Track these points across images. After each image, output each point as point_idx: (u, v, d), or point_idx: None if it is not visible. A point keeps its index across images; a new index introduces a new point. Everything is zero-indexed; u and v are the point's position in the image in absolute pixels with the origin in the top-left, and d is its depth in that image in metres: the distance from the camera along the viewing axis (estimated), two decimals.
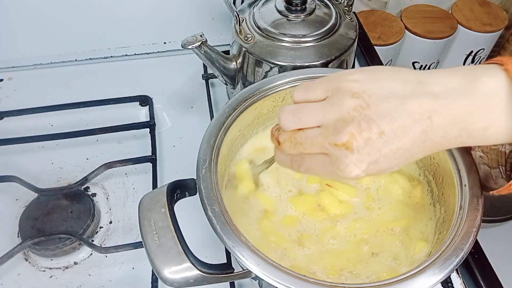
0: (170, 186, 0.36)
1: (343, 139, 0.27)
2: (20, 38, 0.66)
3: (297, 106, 0.30)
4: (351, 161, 0.27)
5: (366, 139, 0.27)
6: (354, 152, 0.27)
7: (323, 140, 0.28)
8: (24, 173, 0.53)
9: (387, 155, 0.27)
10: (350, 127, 0.27)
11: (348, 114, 0.27)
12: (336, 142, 0.27)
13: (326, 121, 0.28)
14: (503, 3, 1.13)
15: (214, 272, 0.32)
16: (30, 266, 0.48)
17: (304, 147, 0.29)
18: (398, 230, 0.40)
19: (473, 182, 0.36)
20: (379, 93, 0.28)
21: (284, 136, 0.31)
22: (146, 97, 0.63)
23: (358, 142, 0.27)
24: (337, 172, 0.28)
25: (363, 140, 0.27)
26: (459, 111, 0.27)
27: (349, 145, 0.27)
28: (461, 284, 0.46)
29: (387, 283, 0.31)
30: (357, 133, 0.27)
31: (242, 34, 0.52)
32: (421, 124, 0.27)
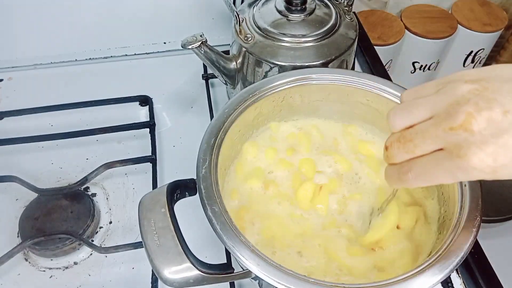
0: (170, 186, 0.36)
1: (459, 120, 0.23)
2: (20, 38, 0.66)
3: (405, 103, 0.27)
4: (473, 143, 0.23)
5: (487, 118, 0.23)
6: (475, 133, 0.23)
7: (436, 129, 0.24)
8: (24, 173, 0.53)
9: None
10: (466, 107, 0.23)
11: (462, 97, 0.23)
12: (451, 126, 0.23)
13: (437, 109, 0.25)
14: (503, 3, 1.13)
15: (214, 272, 0.32)
16: (30, 266, 0.48)
17: (414, 144, 0.25)
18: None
19: (473, 182, 0.36)
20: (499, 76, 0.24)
21: (391, 138, 0.27)
22: (146, 97, 0.63)
23: (477, 121, 0.23)
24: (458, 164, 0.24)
25: (483, 119, 0.23)
26: None
27: (467, 125, 0.23)
28: (461, 284, 0.46)
29: (387, 283, 0.31)
30: (476, 111, 0.23)
31: (242, 34, 0.52)
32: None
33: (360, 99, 0.45)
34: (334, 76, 0.45)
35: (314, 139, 0.47)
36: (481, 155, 0.23)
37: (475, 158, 0.23)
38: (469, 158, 0.23)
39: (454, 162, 0.24)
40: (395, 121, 0.27)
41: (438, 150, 0.25)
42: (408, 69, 1.09)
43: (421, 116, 0.25)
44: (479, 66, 1.16)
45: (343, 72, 0.45)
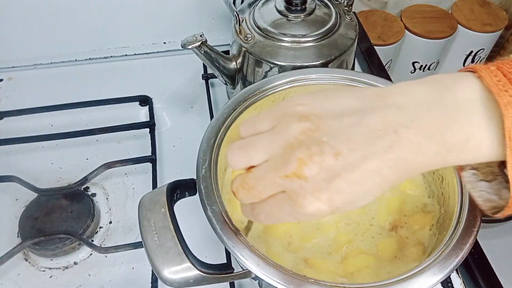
0: (170, 186, 0.36)
1: (292, 167, 0.23)
2: (20, 38, 0.66)
3: (243, 141, 0.26)
4: (307, 192, 0.23)
5: (319, 162, 0.23)
6: (308, 180, 0.23)
7: (274, 175, 0.24)
8: (24, 173, 0.53)
9: (350, 180, 0.23)
10: (298, 152, 0.23)
11: (295, 140, 0.23)
12: (285, 173, 0.23)
13: (273, 152, 0.24)
14: (503, 3, 1.13)
15: (214, 272, 0.32)
16: (30, 266, 0.48)
17: (258, 190, 0.25)
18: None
19: None
20: (330, 112, 0.24)
21: (236, 184, 0.27)
22: (146, 97, 0.63)
23: (309, 167, 0.23)
24: (297, 210, 0.24)
25: (315, 165, 0.23)
26: (431, 122, 0.23)
27: (300, 172, 0.23)
28: (461, 284, 0.46)
29: (387, 283, 0.31)
30: (307, 157, 0.23)
31: (242, 34, 0.52)
32: (385, 139, 0.23)
33: None
34: (334, 76, 0.45)
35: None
36: (317, 204, 0.23)
37: (311, 207, 0.23)
38: (305, 207, 0.23)
39: (294, 208, 0.24)
40: (234, 162, 0.26)
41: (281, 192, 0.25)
42: (408, 69, 1.09)
43: (258, 158, 0.25)
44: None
45: (343, 72, 0.45)
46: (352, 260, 0.38)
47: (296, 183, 0.23)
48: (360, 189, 0.23)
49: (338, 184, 0.23)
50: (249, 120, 0.27)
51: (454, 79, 0.24)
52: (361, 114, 0.23)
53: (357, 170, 0.23)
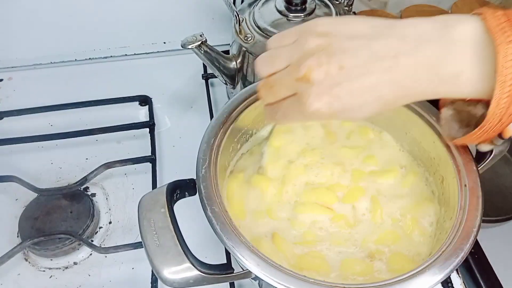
0: (170, 186, 0.36)
1: (302, 72, 0.27)
2: (20, 38, 0.66)
3: (269, 52, 0.31)
4: (312, 93, 0.27)
5: (325, 71, 0.27)
6: (314, 84, 0.27)
7: (289, 77, 0.29)
8: (24, 173, 0.53)
9: (349, 90, 0.27)
10: (309, 61, 0.27)
11: (310, 51, 0.28)
12: (297, 76, 0.28)
13: (292, 60, 0.29)
14: (503, 3, 1.13)
15: (214, 273, 0.32)
16: (30, 266, 0.48)
17: (275, 90, 0.30)
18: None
19: (473, 182, 0.36)
20: (344, 34, 0.28)
21: (260, 84, 0.32)
22: (145, 97, 0.63)
23: (316, 73, 0.27)
24: (303, 109, 0.28)
25: (322, 72, 0.27)
26: (428, 54, 0.26)
27: (308, 76, 0.27)
28: (461, 284, 0.46)
29: (387, 283, 0.31)
30: (316, 65, 0.27)
31: (242, 34, 0.51)
32: (385, 61, 0.26)
33: None
34: None
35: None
36: (318, 104, 0.27)
37: (313, 106, 0.27)
38: (309, 105, 0.28)
39: (301, 107, 0.28)
40: (261, 69, 0.31)
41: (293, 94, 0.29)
42: None
43: (280, 65, 0.30)
44: None
45: None
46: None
47: (304, 85, 0.27)
48: (357, 100, 0.27)
49: (338, 91, 0.27)
50: (276, 35, 0.32)
51: (459, 19, 0.27)
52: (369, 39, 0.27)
53: (356, 83, 0.27)
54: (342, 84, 0.27)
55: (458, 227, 0.34)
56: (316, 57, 0.27)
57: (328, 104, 0.27)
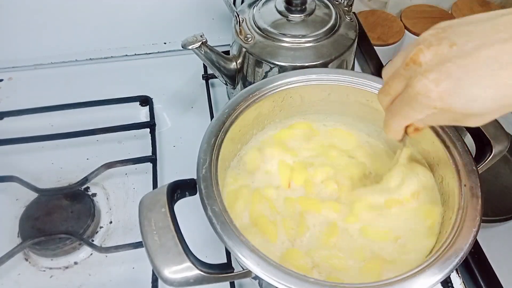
0: (170, 186, 0.36)
1: (412, 53, 0.26)
2: (20, 39, 0.66)
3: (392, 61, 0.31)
4: (418, 73, 0.26)
5: (434, 51, 0.26)
6: (422, 64, 0.26)
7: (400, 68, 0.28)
8: (25, 173, 0.53)
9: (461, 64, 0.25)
10: (421, 45, 0.26)
11: (422, 39, 0.27)
12: (406, 61, 0.27)
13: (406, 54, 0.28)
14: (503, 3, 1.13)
15: (214, 272, 0.32)
16: (30, 266, 0.48)
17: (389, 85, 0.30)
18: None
19: (473, 182, 0.36)
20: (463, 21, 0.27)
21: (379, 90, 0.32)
22: (146, 97, 0.63)
23: (425, 54, 0.26)
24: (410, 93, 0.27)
25: (431, 52, 0.26)
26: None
27: (415, 58, 0.26)
28: (461, 284, 0.46)
29: (387, 283, 0.31)
30: (425, 47, 0.26)
31: (242, 34, 0.52)
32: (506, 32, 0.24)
33: (360, 99, 0.45)
34: (334, 76, 0.45)
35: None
36: (424, 81, 0.26)
37: (418, 84, 0.26)
38: (414, 85, 0.26)
39: (408, 93, 0.27)
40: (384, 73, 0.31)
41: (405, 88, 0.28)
42: None
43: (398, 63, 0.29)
44: None
45: (343, 72, 0.45)
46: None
47: (412, 69, 0.26)
48: (470, 75, 0.24)
49: (448, 67, 0.25)
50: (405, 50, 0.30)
51: None
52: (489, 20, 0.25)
53: (470, 57, 0.24)
54: (453, 60, 0.25)
55: (458, 227, 0.34)
56: (427, 41, 0.26)
57: (435, 81, 0.25)
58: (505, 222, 0.60)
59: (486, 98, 0.25)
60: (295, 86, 0.44)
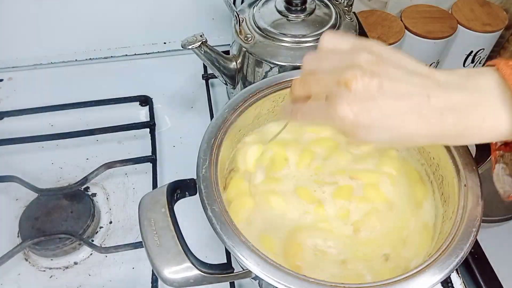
0: (170, 186, 0.36)
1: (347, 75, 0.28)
2: (20, 38, 0.66)
3: (321, 53, 0.32)
4: (345, 99, 0.28)
5: (366, 85, 0.28)
6: (351, 91, 0.28)
7: (329, 79, 0.30)
8: (24, 173, 0.53)
9: (380, 108, 0.28)
10: (356, 71, 0.28)
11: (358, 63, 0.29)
12: (339, 79, 0.29)
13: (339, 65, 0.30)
14: (503, 3, 1.13)
15: (214, 272, 0.32)
16: (30, 266, 0.48)
17: (310, 85, 0.32)
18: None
19: (473, 182, 0.36)
20: (393, 61, 0.30)
21: (297, 79, 0.33)
22: (146, 97, 0.63)
23: (357, 84, 0.28)
24: (329, 111, 0.29)
25: (362, 84, 0.28)
26: (456, 100, 0.29)
27: (349, 83, 0.28)
28: (461, 284, 0.46)
29: (387, 283, 0.31)
30: (360, 76, 0.28)
31: (242, 34, 0.52)
32: (418, 96, 0.28)
33: None
34: None
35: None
36: (346, 110, 0.28)
37: (341, 111, 0.28)
38: (337, 109, 0.28)
39: (328, 108, 0.29)
40: (306, 63, 0.32)
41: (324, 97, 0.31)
42: None
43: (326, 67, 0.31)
44: (479, 66, 1.16)
45: None
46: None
47: (341, 89, 0.29)
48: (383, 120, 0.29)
49: (370, 105, 0.28)
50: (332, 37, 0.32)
51: (478, 71, 0.30)
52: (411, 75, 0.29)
53: (388, 105, 0.28)
54: (376, 101, 0.28)
55: (458, 227, 0.34)
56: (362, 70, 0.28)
57: (355, 114, 0.28)
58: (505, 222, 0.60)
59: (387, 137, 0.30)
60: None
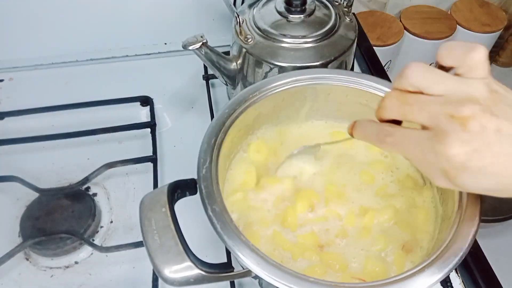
0: (171, 185, 0.36)
1: (462, 113, 0.25)
2: (21, 39, 0.66)
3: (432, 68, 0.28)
4: (458, 137, 0.25)
5: (484, 126, 0.25)
6: (467, 130, 0.25)
7: (439, 108, 0.26)
8: (25, 173, 0.53)
9: (495, 153, 0.25)
10: (476, 107, 0.25)
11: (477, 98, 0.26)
12: (454, 114, 0.25)
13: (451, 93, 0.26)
14: (502, 4, 1.13)
15: (214, 271, 0.32)
16: (31, 266, 0.48)
17: (411, 109, 0.27)
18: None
19: None
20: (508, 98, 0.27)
21: (393, 93, 0.28)
22: (147, 98, 0.63)
23: (475, 123, 0.25)
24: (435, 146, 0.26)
25: (480, 125, 0.25)
26: None
27: (466, 121, 0.25)
28: (460, 284, 0.46)
29: (387, 282, 0.31)
30: (479, 116, 0.25)
31: (242, 35, 0.52)
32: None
33: (359, 99, 0.45)
34: (333, 77, 0.45)
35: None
36: (458, 150, 0.25)
37: (452, 149, 0.25)
38: (447, 146, 0.25)
39: (433, 143, 0.26)
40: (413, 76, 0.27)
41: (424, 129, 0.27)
42: None
43: (436, 90, 0.27)
44: None
45: (343, 73, 0.45)
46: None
47: (454, 126, 0.25)
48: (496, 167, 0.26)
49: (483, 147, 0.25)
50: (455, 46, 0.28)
51: None
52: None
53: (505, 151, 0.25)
54: (491, 146, 0.25)
55: (457, 227, 0.34)
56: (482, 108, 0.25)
57: (467, 155, 0.25)
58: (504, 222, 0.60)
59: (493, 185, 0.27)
60: (295, 86, 0.44)
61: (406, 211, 0.41)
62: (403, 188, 0.43)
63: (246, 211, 0.41)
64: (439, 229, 0.39)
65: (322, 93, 0.46)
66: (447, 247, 0.33)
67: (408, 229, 0.40)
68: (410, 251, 0.38)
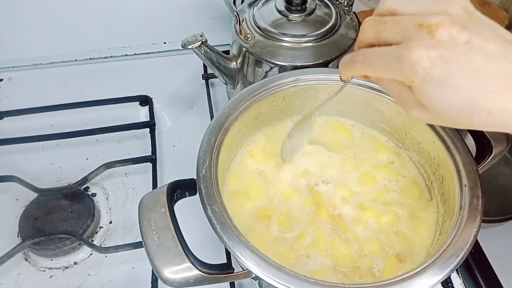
0: (170, 186, 0.36)
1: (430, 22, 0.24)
2: (20, 38, 0.66)
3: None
4: (424, 43, 0.24)
5: (453, 36, 0.24)
6: (433, 39, 0.24)
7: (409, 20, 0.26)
8: (24, 173, 0.53)
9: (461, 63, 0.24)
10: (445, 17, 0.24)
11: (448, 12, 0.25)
12: (422, 22, 0.25)
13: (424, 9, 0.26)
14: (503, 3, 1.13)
15: (214, 272, 0.32)
16: (30, 266, 0.48)
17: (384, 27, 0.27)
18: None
19: (473, 182, 0.36)
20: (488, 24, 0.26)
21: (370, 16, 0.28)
22: (146, 97, 0.63)
23: (444, 32, 0.24)
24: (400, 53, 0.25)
25: (448, 34, 0.24)
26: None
27: (434, 29, 0.24)
28: (461, 284, 0.46)
29: (387, 283, 0.31)
30: (448, 25, 0.24)
31: (242, 34, 0.52)
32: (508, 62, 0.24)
33: (360, 99, 0.45)
34: (334, 76, 0.45)
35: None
36: (422, 54, 0.24)
37: (415, 54, 0.24)
38: (411, 51, 0.24)
39: (398, 51, 0.25)
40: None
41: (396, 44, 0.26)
42: None
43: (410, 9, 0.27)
44: None
45: None
46: None
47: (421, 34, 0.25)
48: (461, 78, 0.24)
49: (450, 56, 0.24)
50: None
51: None
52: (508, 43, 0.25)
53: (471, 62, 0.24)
54: (458, 55, 0.24)
55: (458, 227, 0.34)
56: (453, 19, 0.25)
57: (432, 61, 0.24)
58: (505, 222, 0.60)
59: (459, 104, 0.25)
60: (295, 86, 0.44)
61: (407, 219, 0.41)
62: (406, 197, 0.43)
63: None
64: (440, 229, 0.38)
65: (322, 92, 0.46)
66: (448, 248, 0.33)
67: (405, 240, 0.40)
68: (403, 261, 0.39)
